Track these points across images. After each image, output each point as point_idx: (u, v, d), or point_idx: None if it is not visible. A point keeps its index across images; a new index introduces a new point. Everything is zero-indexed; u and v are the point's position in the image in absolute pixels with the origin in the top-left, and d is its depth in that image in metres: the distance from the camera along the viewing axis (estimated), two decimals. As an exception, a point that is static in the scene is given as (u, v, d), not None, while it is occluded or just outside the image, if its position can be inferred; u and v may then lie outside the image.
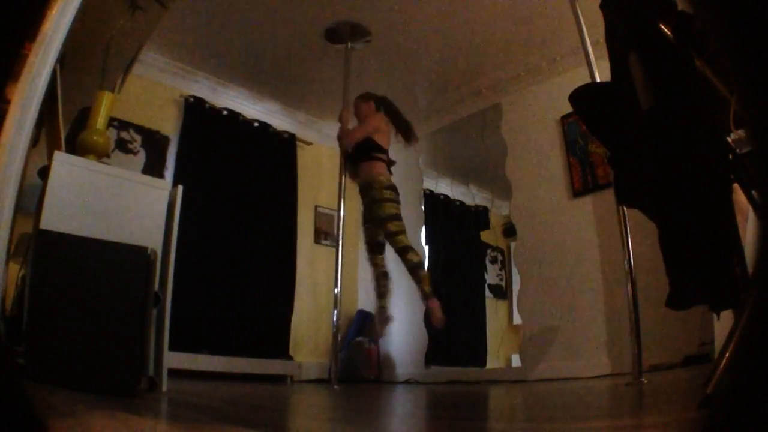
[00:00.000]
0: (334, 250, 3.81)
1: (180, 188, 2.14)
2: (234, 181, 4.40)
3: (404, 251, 3.20)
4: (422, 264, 3.30)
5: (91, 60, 2.22)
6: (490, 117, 4.54)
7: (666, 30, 1.14)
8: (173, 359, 2.16)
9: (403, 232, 3.24)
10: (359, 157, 3.40)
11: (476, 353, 4.69)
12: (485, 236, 4.99)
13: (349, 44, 3.86)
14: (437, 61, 4.24)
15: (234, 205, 4.36)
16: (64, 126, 1.94)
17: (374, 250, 3.39)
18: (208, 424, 1.12)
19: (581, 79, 2.19)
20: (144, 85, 4.00)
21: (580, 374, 3.33)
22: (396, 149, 5.08)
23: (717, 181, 1.10)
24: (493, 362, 4.59)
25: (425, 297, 3.19)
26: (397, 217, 3.25)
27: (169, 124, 4.22)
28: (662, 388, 2.04)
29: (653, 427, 0.96)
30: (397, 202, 3.30)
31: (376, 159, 3.35)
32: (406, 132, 3.58)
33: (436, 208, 5.04)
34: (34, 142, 1.73)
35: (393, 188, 3.32)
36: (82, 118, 2.13)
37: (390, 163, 3.42)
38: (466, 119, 4.77)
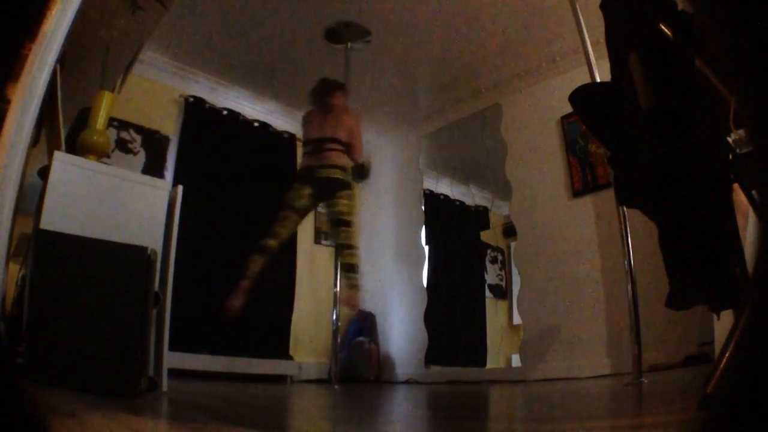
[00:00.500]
0: (334, 250, 3.81)
1: (180, 188, 2.14)
2: (234, 181, 4.40)
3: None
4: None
5: (91, 60, 2.22)
6: (490, 117, 4.54)
7: (666, 30, 1.14)
8: (173, 359, 2.16)
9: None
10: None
11: (476, 353, 4.69)
12: (485, 236, 4.99)
13: (349, 44, 3.86)
14: (437, 61, 4.23)
15: (234, 205, 4.36)
16: (64, 126, 1.94)
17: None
18: (208, 424, 1.12)
19: (581, 79, 2.19)
20: (144, 85, 4.00)
21: (580, 374, 3.33)
22: (399, 146, 5.09)
23: (717, 181, 1.10)
24: (493, 362, 4.59)
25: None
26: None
27: (169, 124, 4.22)
28: (662, 388, 2.04)
29: (653, 427, 0.96)
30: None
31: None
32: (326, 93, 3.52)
33: (436, 208, 5.04)
34: (34, 142, 1.72)
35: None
36: (82, 118, 2.13)
37: (315, 147, 3.39)
38: (466, 119, 4.77)
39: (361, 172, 4.88)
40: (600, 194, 3.61)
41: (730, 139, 1.09)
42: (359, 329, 4.73)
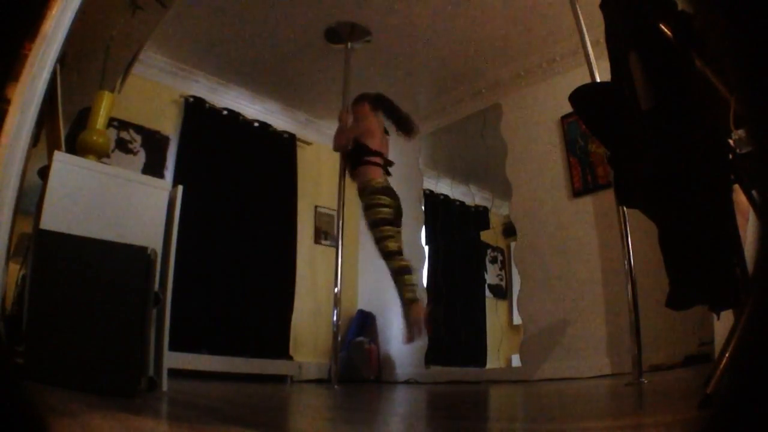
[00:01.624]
0: (334, 250, 3.81)
1: (180, 188, 2.14)
2: (234, 181, 4.40)
3: (387, 257, 3.17)
4: (405, 269, 3.20)
5: (91, 60, 2.22)
6: (490, 117, 4.54)
7: (666, 30, 1.14)
8: (173, 359, 2.16)
9: (389, 237, 3.17)
10: (354, 161, 3.37)
11: (476, 353, 4.69)
12: (485, 236, 4.98)
13: (349, 44, 3.86)
14: (437, 61, 4.24)
15: (234, 204, 4.36)
16: (64, 126, 1.94)
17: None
18: (208, 424, 1.12)
19: (581, 79, 2.19)
20: (144, 85, 4.00)
21: (580, 374, 3.33)
22: (399, 146, 5.08)
23: (717, 181, 1.10)
24: (493, 362, 4.58)
25: (404, 303, 3.14)
26: (384, 222, 3.17)
27: (169, 124, 4.22)
28: (662, 388, 2.04)
29: (653, 427, 0.96)
30: (387, 206, 3.19)
31: (368, 163, 3.29)
32: (405, 126, 3.50)
33: (436, 208, 5.04)
34: (34, 142, 1.72)
35: (384, 191, 3.22)
36: (82, 118, 2.13)
37: (387, 165, 3.37)
38: (466, 119, 4.77)
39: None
40: (600, 194, 3.61)
41: (730, 139, 1.09)
42: (359, 329, 4.73)
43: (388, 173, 3.37)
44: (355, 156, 3.36)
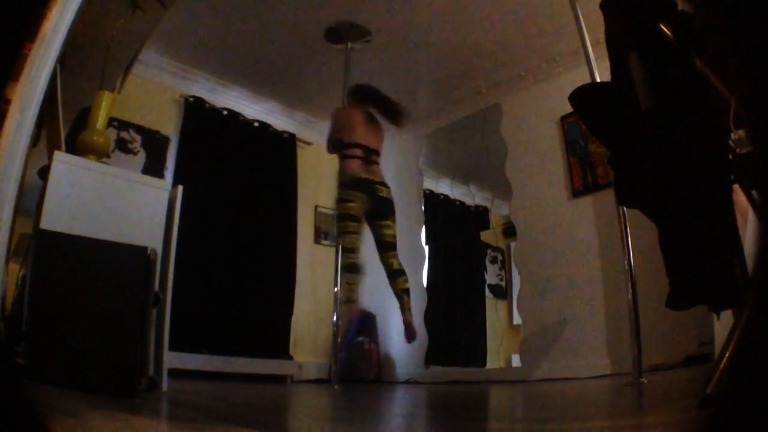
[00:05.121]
0: (334, 250, 3.81)
1: (180, 188, 2.14)
2: (234, 181, 4.40)
3: (342, 251, 3.25)
4: (347, 267, 3.24)
5: (91, 60, 2.22)
6: (490, 117, 4.54)
7: (666, 30, 1.14)
8: (173, 359, 2.16)
9: (345, 233, 3.22)
10: (339, 157, 3.39)
11: (476, 353, 4.69)
12: (485, 236, 4.99)
13: (349, 44, 3.86)
14: (437, 61, 4.23)
15: (234, 204, 4.36)
16: (64, 126, 1.94)
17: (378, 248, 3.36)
18: (208, 424, 1.12)
19: (581, 79, 2.19)
20: (144, 85, 4.00)
21: (580, 374, 3.33)
22: (399, 146, 5.07)
23: (717, 181, 1.10)
24: (493, 362, 4.59)
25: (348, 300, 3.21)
26: (345, 218, 3.21)
27: (169, 124, 4.22)
28: (662, 388, 2.04)
29: (653, 427, 0.96)
30: (352, 201, 3.18)
31: (344, 156, 3.31)
32: (390, 114, 3.47)
33: (436, 208, 5.04)
34: (34, 142, 1.72)
35: (354, 185, 3.20)
36: (82, 118, 2.13)
37: (369, 155, 3.32)
38: (466, 119, 4.77)
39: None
40: (600, 194, 3.61)
41: (730, 139, 1.09)
42: (359, 329, 4.73)
43: (371, 162, 3.32)
44: (338, 152, 3.38)
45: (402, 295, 3.23)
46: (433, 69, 4.37)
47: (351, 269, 3.22)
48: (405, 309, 3.22)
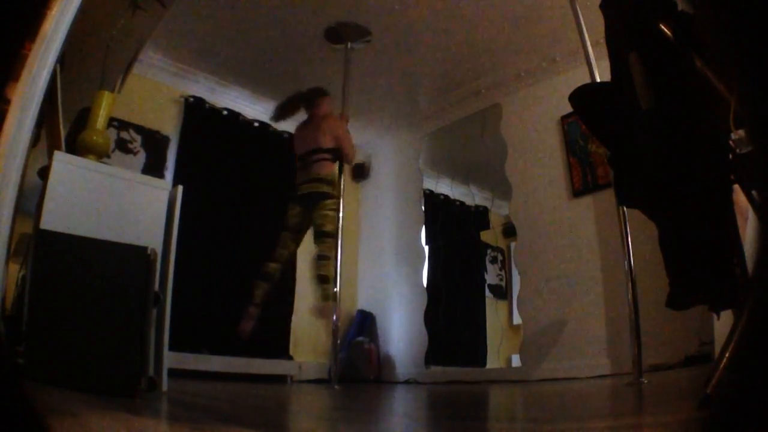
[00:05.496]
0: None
1: (180, 188, 2.14)
2: (234, 181, 4.40)
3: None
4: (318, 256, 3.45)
5: (91, 60, 2.22)
6: (490, 117, 4.54)
7: (666, 30, 1.14)
8: (173, 359, 2.16)
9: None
10: None
11: (476, 353, 4.69)
12: (485, 236, 4.98)
13: (349, 44, 3.86)
14: (437, 61, 4.23)
15: (234, 205, 4.36)
16: (64, 126, 1.94)
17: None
18: (208, 424, 1.12)
19: (581, 79, 2.19)
20: (144, 85, 4.00)
21: (580, 374, 3.33)
22: (399, 146, 5.08)
23: (717, 181, 1.10)
24: (493, 362, 4.58)
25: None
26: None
27: (169, 124, 4.22)
28: (662, 388, 2.04)
29: (653, 427, 0.96)
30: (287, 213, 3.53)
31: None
32: (305, 102, 3.58)
33: (436, 208, 5.04)
34: (34, 142, 1.72)
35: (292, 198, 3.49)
36: (82, 118, 2.13)
37: (302, 162, 3.49)
38: (466, 119, 4.77)
39: (360, 172, 4.94)
40: (600, 194, 3.61)
41: (730, 139, 1.09)
42: (359, 329, 4.73)
43: (307, 164, 3.41)
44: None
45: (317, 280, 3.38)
46: (433, 69, 4.37)
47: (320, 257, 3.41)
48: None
